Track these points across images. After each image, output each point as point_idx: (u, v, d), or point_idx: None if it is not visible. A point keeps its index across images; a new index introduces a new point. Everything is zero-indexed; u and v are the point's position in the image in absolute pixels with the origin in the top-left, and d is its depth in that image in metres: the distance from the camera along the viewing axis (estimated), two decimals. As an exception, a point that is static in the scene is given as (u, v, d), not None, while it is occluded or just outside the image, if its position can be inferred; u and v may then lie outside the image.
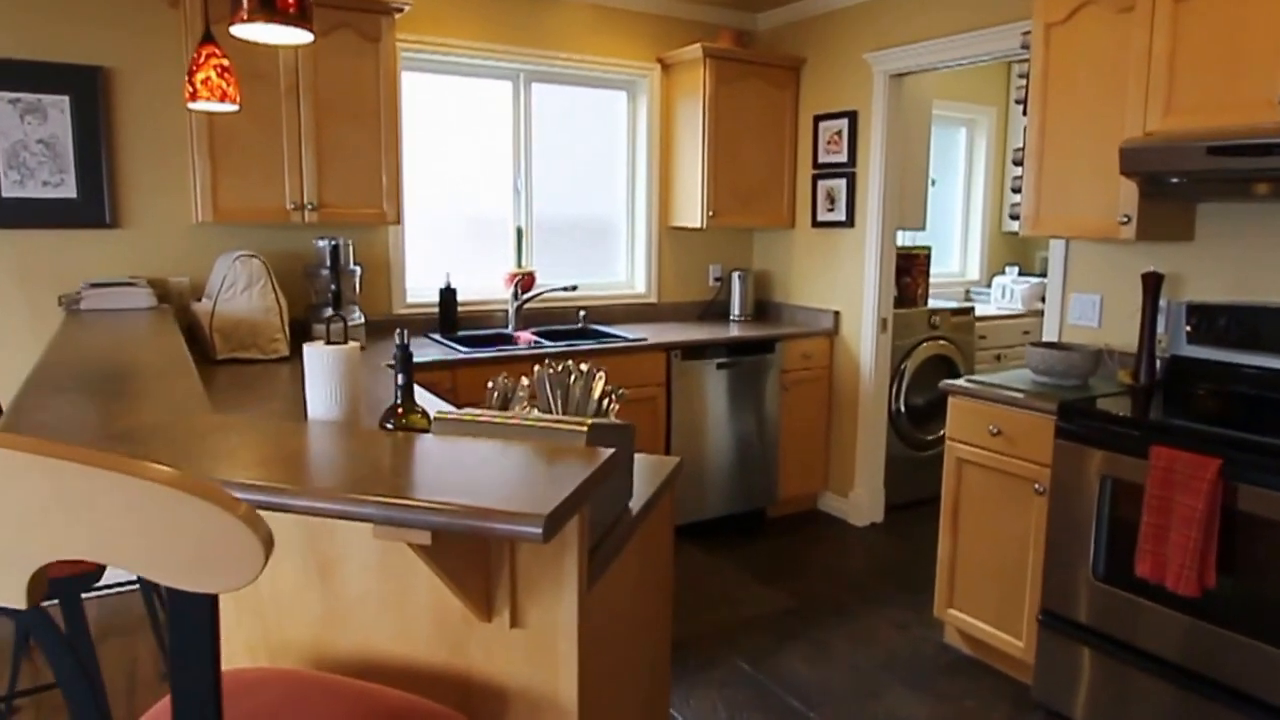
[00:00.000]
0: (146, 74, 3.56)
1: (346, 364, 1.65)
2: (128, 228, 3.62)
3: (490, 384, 1.67)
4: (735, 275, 4.84)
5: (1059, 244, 3.65)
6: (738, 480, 4.42)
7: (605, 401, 1.75)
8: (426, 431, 1.63)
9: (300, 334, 3.76)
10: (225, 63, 2.44)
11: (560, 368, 1.63)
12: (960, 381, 3.25)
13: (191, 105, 2.46)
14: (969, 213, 6.06)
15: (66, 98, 3.29)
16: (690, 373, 4.20)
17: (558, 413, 1.60)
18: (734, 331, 4.46)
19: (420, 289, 4.26)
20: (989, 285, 5.97)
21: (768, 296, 5.06)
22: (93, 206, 3.41)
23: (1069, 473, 2.81)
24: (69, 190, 3.35)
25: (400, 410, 1.63)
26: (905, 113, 4.58)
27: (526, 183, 4.49)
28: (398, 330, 1.65)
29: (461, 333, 4.20)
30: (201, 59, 2.40)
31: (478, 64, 4.29)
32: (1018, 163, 3.51)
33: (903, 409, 4.69)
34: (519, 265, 4.42)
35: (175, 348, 2.49)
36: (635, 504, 1.78)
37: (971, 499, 3.21)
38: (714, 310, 5.01)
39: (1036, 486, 2.93)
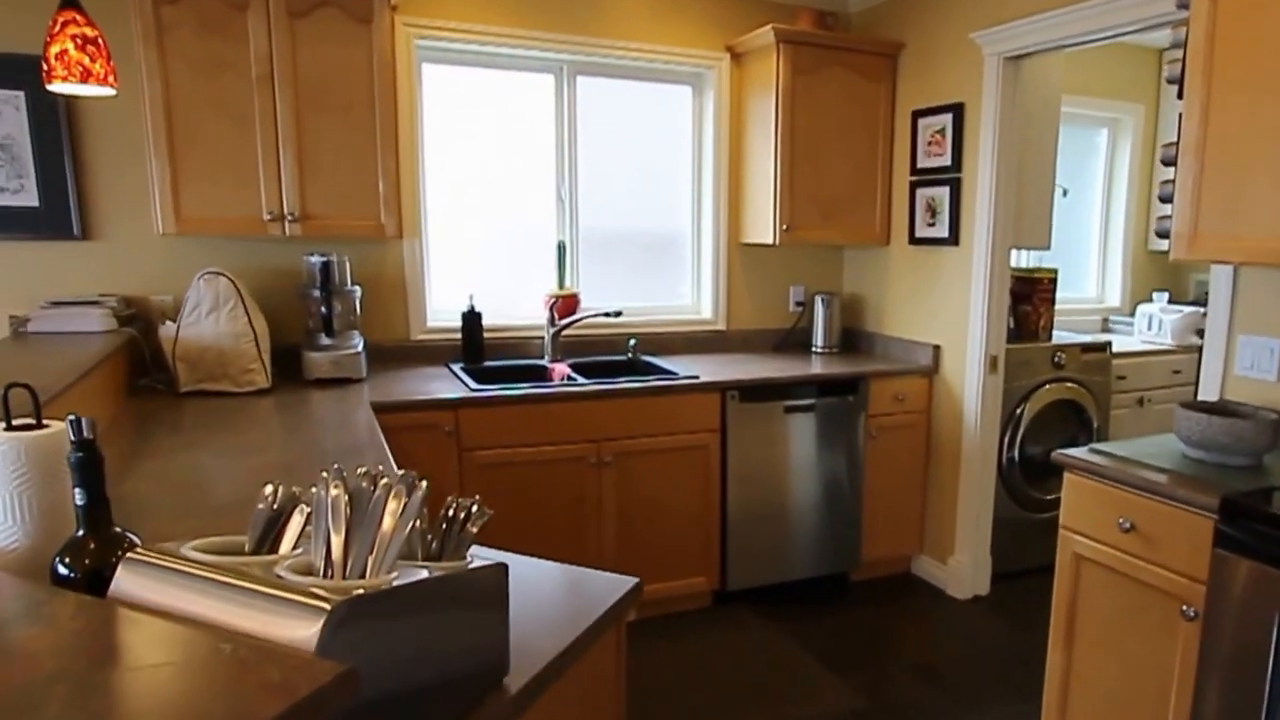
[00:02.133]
0: (117, 64, 3.14)
1: (32, 462, 1.04)
2: (100, 240, 3.19)
3: (268, 489, 1.03)
4: (818, 300, 4.08)
5: (1224, 271, 2.75)
6: (813, 541, 3.66)
7: (454, 527, 1.08)
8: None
9: (292, 362, 3.26)
10: (90, 33, 1.91)
11: (362, 475, 0.97)
12: (1079, 453, 2.42)
13: (50, 87, 1.95)
14: (1109, 229, 5.06)
15: (21, 93, 2.88)
16: (751, 417, 3.47)
17: (339, 553, 0.94)
18: (815, 367, 3.70)
19: (446, 311, 3.70)
20: (1132, 314, 4.96)
21: (858, 325, 4.27)
22: (58, 216, 3.00)
23: (1233, 595, 1.95)
24: (30, 198, 2.95)
25: (88, 544, 1.00)
26: (1025, 106, 3.72)
27: (571, 192, 3.87)
28: (70, 419, 1.01)
29: (489, 363, 3.61)
30: (56, 28, 1.87)
31: (514, 55, 3.71)
32: (1168, 162, 2.63)
33: (1016, 462, 3.81)
34: (560, 286, 3.80)
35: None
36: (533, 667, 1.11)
37: (1092, 608, 2.37)
38: (793, 340, 4.26)
39: (1185, 610, 2.07)
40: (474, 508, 1.09)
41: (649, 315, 4.04)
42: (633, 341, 3.84)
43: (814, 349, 4.12)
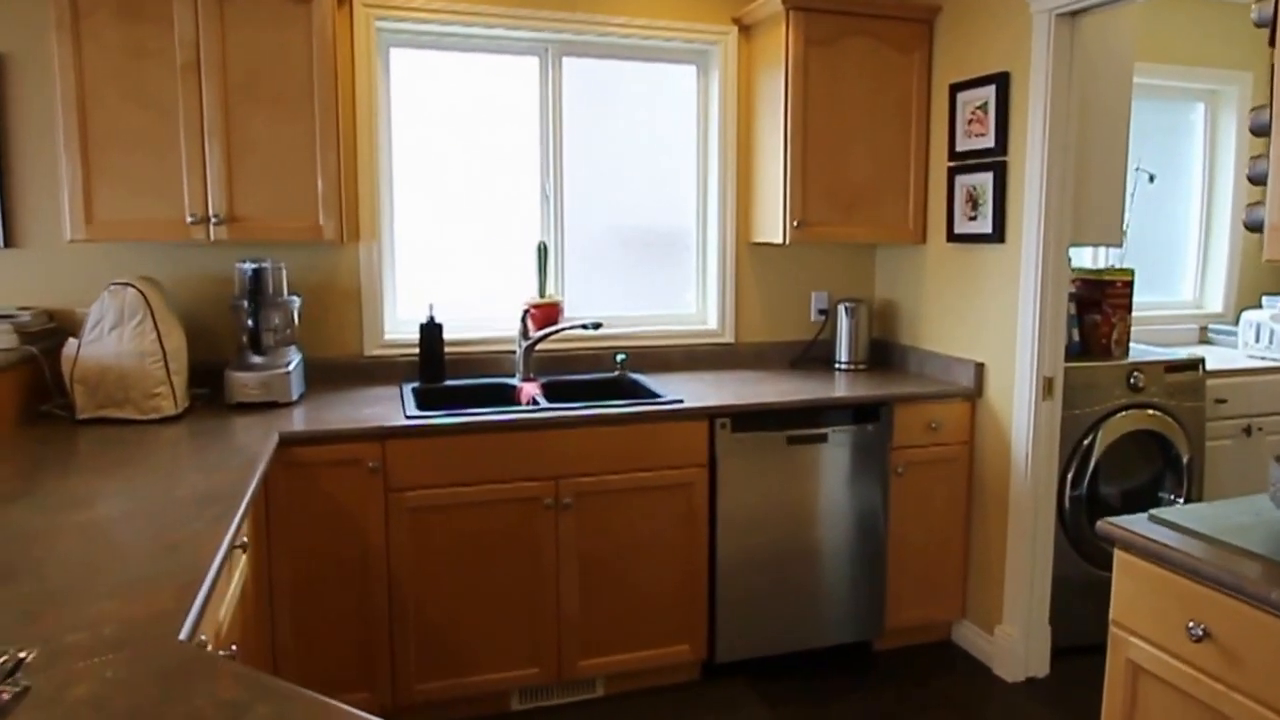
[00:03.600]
0: (45, 58, 2.77)
1: None
2: (25, 248, 2.83)
3: None
4: (842, 308, 3.43)
5: None
6: (825, 602, 3.02)
7: None
8: None
9: (214, 384, 2.83)
10: None
11: None
12: (1135, 523, 1.75)
13: None
14: (1210, 221, 4.22)
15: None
16: (746, 449, 2.86)
17: None
18: (836, 386, 3.06)
19: (412, 323, 3.21)
20: (1238, 322, 4.11)
21: (891, 337, 3.59)
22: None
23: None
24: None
25: None
26: (1088, 76, 3.00)
27: (556, 188, 3.34)
28: None
29: (451, 382, 3.11)
30: None
31: (491, 35, 3.19)
32: (1259, 130, 1.92)
33: (1084, 507, 3.08)
34: (541, 294, 3.27)
35: None
36: None
37: (1151, 740, 1.70)
38: (814, 355, 3.61)
39: (1281, 774, 1.40)
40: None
41: (645, 326, 3.46)
42: (620, 357, 3.27)
43: (837, 365, 3.46)
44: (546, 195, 3.34)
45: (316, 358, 3.08)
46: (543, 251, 3.25)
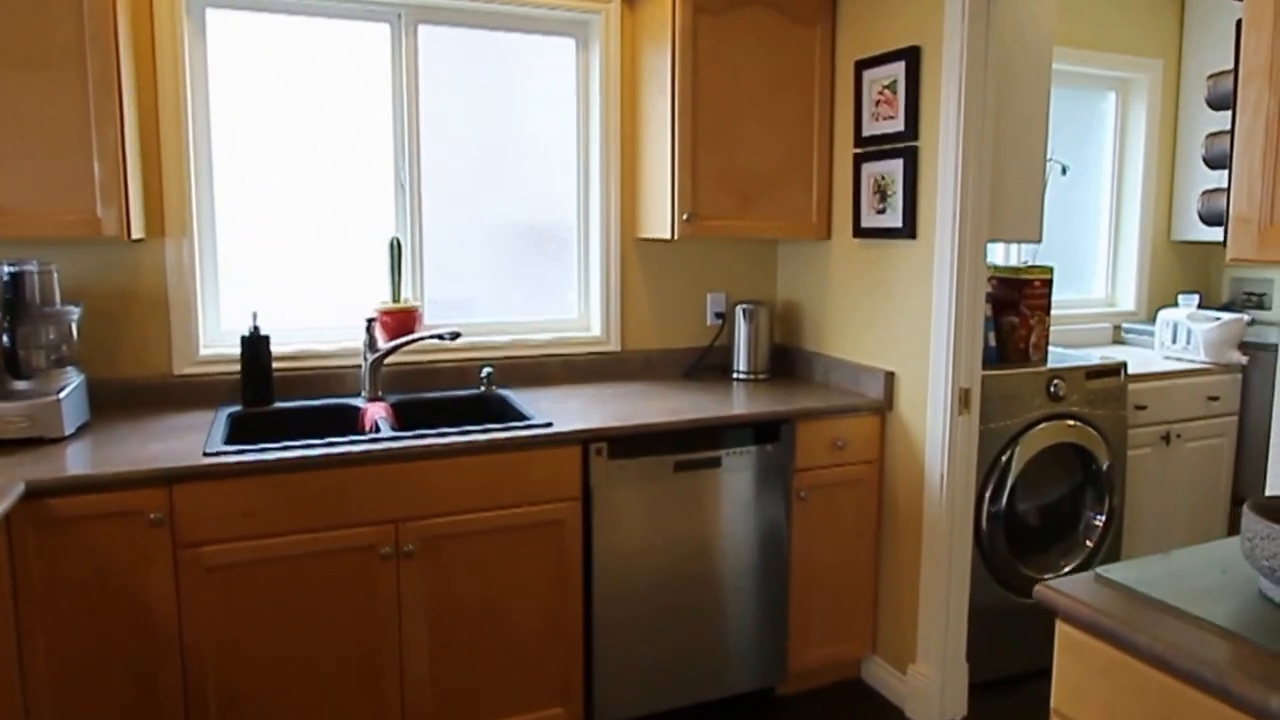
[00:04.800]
0: None
1: None
2: None
3: None
4: (740, 311, 3.03)
5: None
6: (720, 648, 2.62)
7: None
8: None
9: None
10: None
11: None
12: (1078, 587, 1.39)
13: None
14: (1120, 215, 3.97)
15: None
16: (626, 478, 2.44)
17: None
18: (734, 400, 2.66)
19: (238, 336, 2.68)
20: (1152, 321, 3.87)
21: (794, 342, 3.21)
22: None
23: None
24: None
25: None
26: (1006, 58, 2.67)
27: (413, 175, 2.85)
28: None
29: (282, 404, 2.60)
30: None
31: (320, -6, 2.69)
32: (1218, 103, 1.59)
33: (1001, 527, 2.76)
34: (395, 298, 2.78)
35: None
36: None
37: None
38: (711, 363, 3.21)
39: None
40: None
41: (519, 334, 3.00)
42: (486, 372, 2.80)
43: (735, 375, 3.06)
44: (402, 184, 2.84)
45: (110, 379, 2.52)
46: (396, 249, 2.76)
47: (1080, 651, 1.37)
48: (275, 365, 2.65)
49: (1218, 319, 3.30)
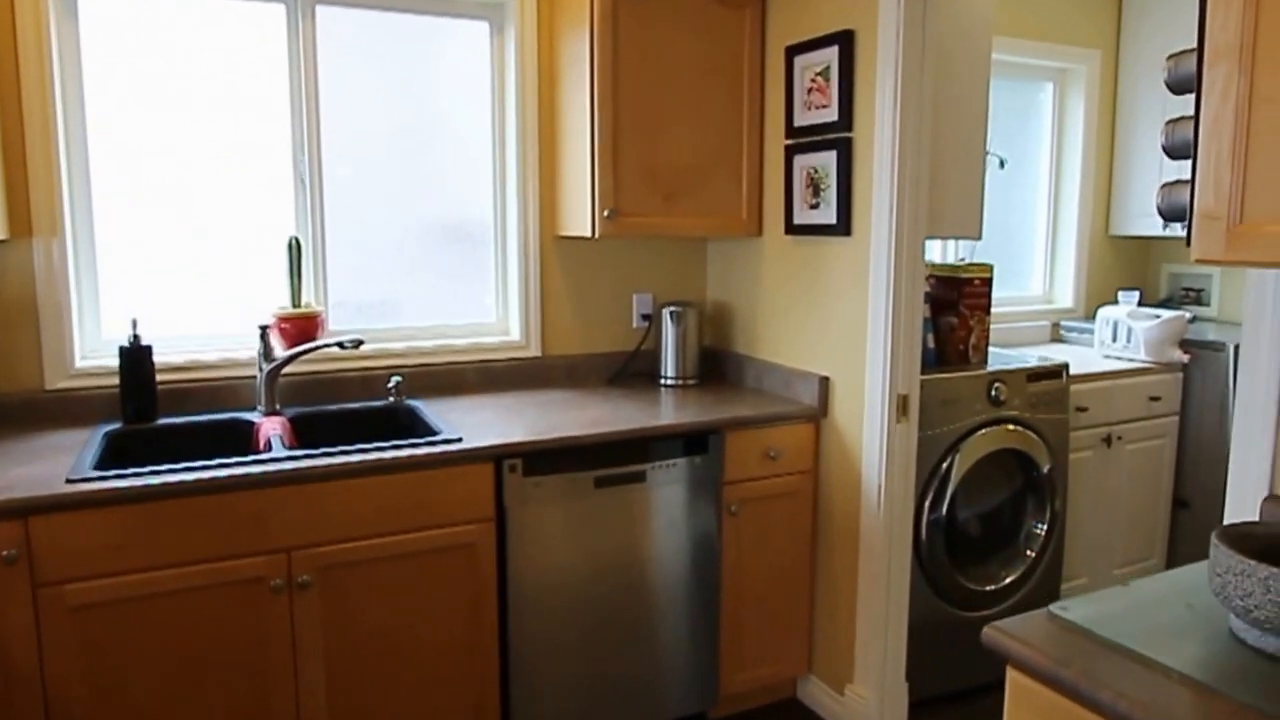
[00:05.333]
0: None
1: None
2: None
3: None
4: (667, 313, 2.86)
5: (1267, 281, 1.61)
6: (647, 674, 2.44)
7: None
8: None
9: None
10: None
11: None
12: (1032, 629, 1.24)
13: None
14: (1058, 210, 3.89)
15: None
16: (543, 496, 2.25)
17: None
18: (661, 408, 2.48)
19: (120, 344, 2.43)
20: (1091, 318, 3.80)
21: (724, 345, 3.05)
22: None
23: None
24: None
25: None
26: (944, 46, 2.53)
27: (314, 170, 2.62)
28: None
29: (167, 420, 2.35)
30: None
31: (204, -31, 2.44)
32: (1179, 86, 1.46)
33: (941, 535, 2.64)
34: (295, 302, 2.55)
35: None
36: None
37: None
38: (637, 368, 3.03)
39: None
40: None
41: (433, 340, 2.78)
42: (394, 381, 2.59)
43: (663, 380, 2.89)
44: (302, 179, 2.61)
45: (-35, 395, 2.27)
46: (295, 249, 2.53)
47: (1034, 702, 1.22)
48: (160, 377, 2.41)
49: (1158, 317, 3.22)
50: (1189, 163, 1.37)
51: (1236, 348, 3.18)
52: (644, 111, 2.57)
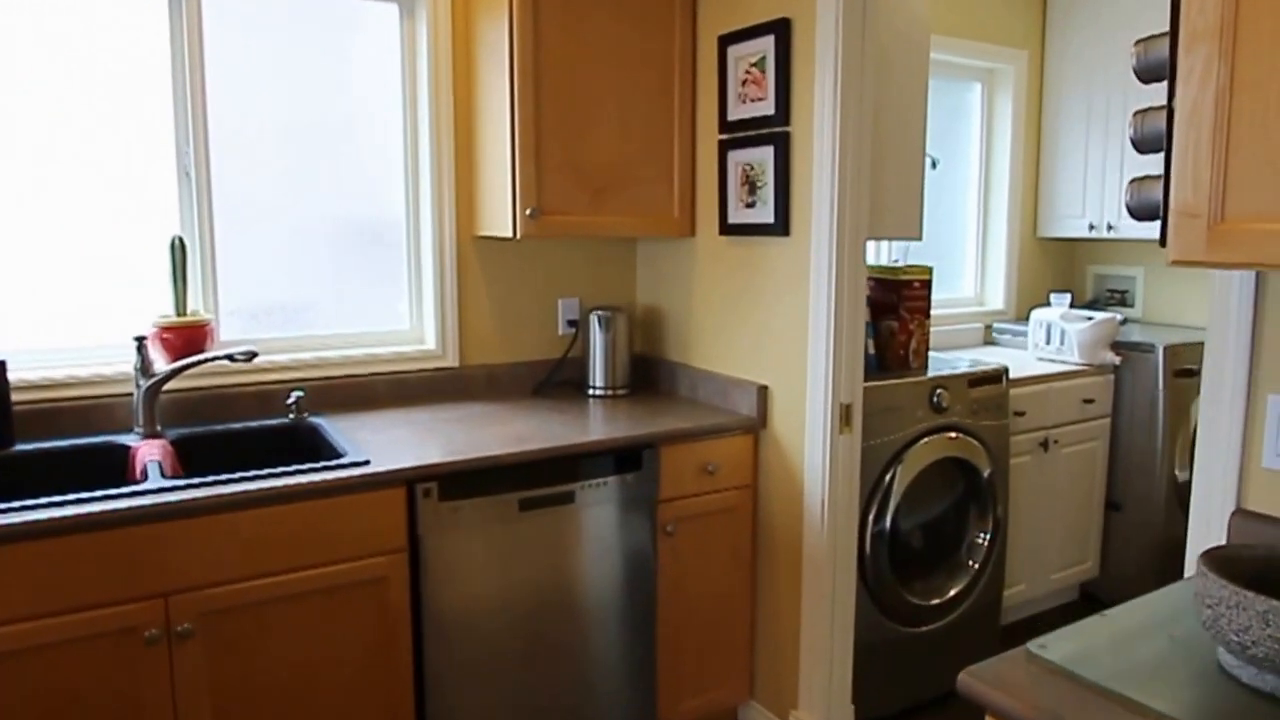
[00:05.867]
0: None
1: None
2: None
3: None
4: (595, 319, 2.66)
5: (1235, 283, 1.51)
6: (579, 710, 2.24)
7: None
8: None
9: None
10: None
11: None
12: (1010, 671, 1.09)
13: None
14: (986, 211, 3.84)
15: None
16: (461, 522, 2.03)
17: None
18: (590, 421, 2.28)
19: (-32, 360, 2.12)
20: (1022, 320, 3.75)
21: (656, 352, 2.87)
22: None
23: None
24: None
25: None
26: (882, 43, 2.41)
27: (201, 161, 2.34)
28: None
29: (26, 446, 2.04)
30: None
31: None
32: (1147, 72, 1.33)
33: (884, 546, 2.51)
34: (180, 310, 2.27)
35: None
36: None
37: None
38: (564, 377, 2.82)
39: None
40: None
41: (339, 349, 2.53)
42: (294, 397, 2.33)
43: (591, 390, 2.69)
44: (186, 171, 2.33)
45: None
46: (179, 250, 2.25)
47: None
48: (18, 397, 2.10)
49: (1090, 319, 3.17)
50: (1143, 158, 1.25)
51: (1166, 349, 3.16)
52: (568, 103, 2.37)
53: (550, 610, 2.16)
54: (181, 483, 1.77)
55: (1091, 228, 3.62)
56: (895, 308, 2.65)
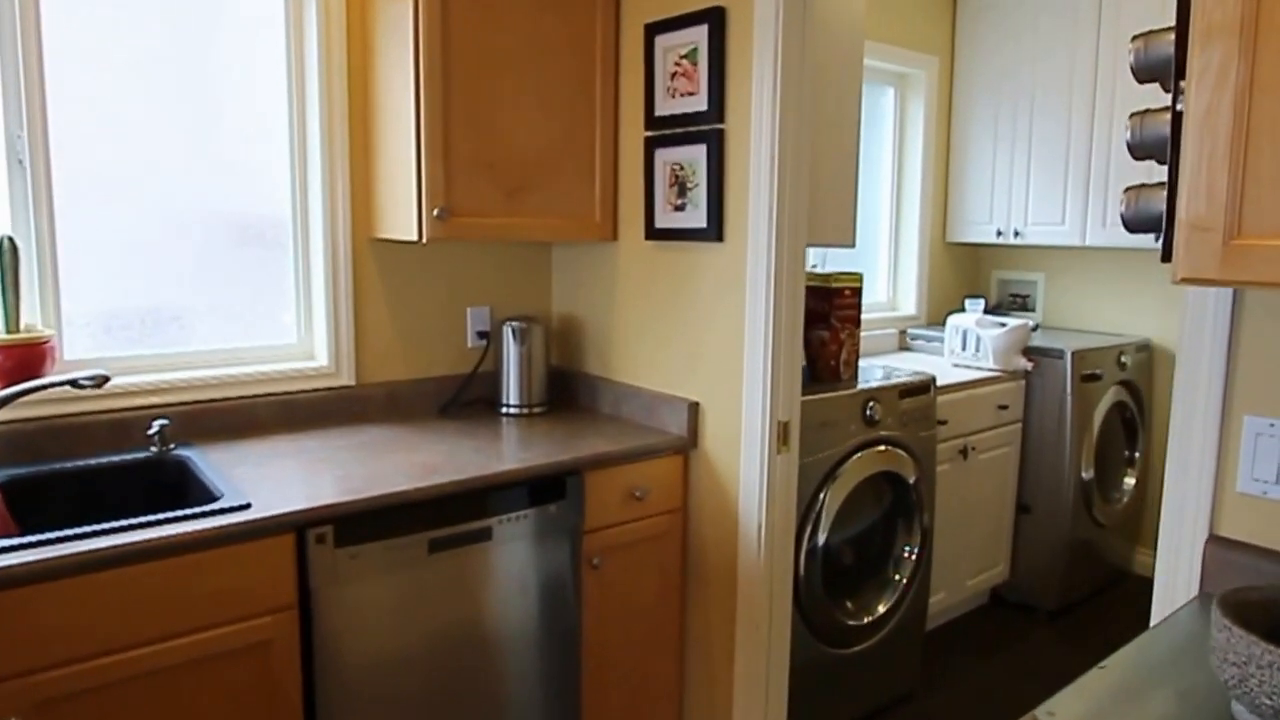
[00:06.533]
0: None
1: None
2: None
3: None
4: (508, 330, 2.39)
5: (1212, 300, 1.38)
6: (495, 762, 1.98)
7: None
8: None
9: None
10: None
11: None
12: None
13: None
14: (900, 215, 3.75)
15: None
16: (362, 571, 1.72)
17: None
18: (504, 446, 2.01)
19: None
20: (934, 326, 3.68)
21: (576, 365, 2.62)
22: None
23: None
24: None
25: None
26: (816, 36, 2.23)
27: (37, 147, 1.94)
28: None
29: None
30: None
31: None
32: (1148, 70, 1.18)
33: (817, 576, 2.34)
34: (10, 325, 1.87)
35: None
36: None
37: None
38: (474, 395, 2.53)
39: None
40: None
41: (215, 370, 2.17)
42: (157, 426, 1.96)
43: (505, 409, 2.40)
44: (19, 160, 1.92)
45: None
46: (8, 253, 1.85)
47: None
48: None
49: (1004, 325, 3.10)
50: (1060, 167, 1.09)
51: (1074, 354, 3.12)
52: (480, 92, 2.09)
53: (467, 658, 1.88)
54: (9, 542, 1.41)
55: (999, 234, 3.57)
56: (826, 317, 2.48)
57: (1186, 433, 1.42)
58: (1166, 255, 1.13)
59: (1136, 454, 3.50)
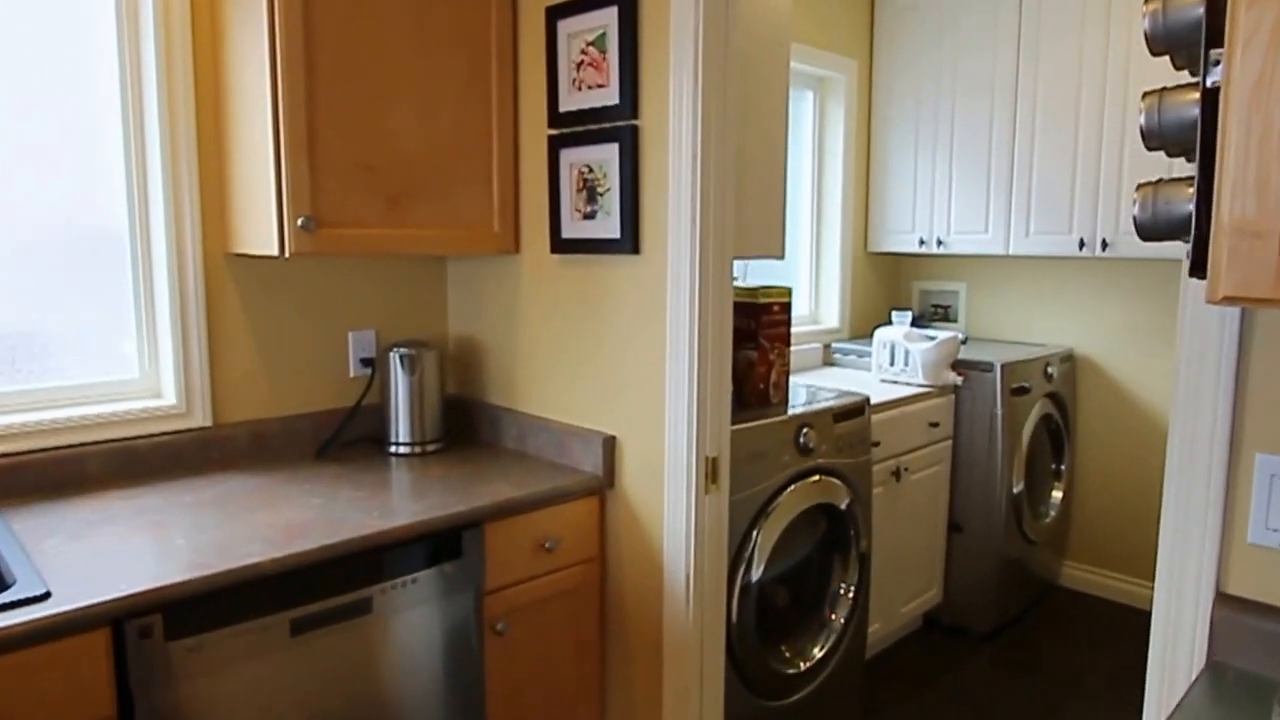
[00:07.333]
0: None
1: None
2: None
3: None
4: (395, 357, 2.04)
5: (1209, 322, 1.14)
6: None
7: None
8: None
9: None
10: None
11: None
12: None
13: None
14: (821, 224, 3.53)
15: None
16: (203, 667, 1.36)
17: None
18: (393, 497, 1.67)
19: None
20: (860, 339, 3.46)
21: (475, 394, 2.28)
22: None
23: None
24: None
25: None
26: (741, 17, 1.96)
27: None
28: None
29: None
30: None
31: None
32: (1166, 46, 0.94)
33: (751, 624, 2.06)
34: None
35: None
36: None
37: None
38: (357, 433, 2.16)
39: None
40: None
41: (31, 414, 1.76)
42: (-53, 487, 1.56)
43: (393, 448, 2.05)
44: None
45: None
46: None
47: None
48: None
49: (933, 339, 2.90)
50: (984, 173, 0.85)
51: (1003, 367, 2.95)
52: (354, 83, 1.74)
53: (342, 757, 1.54)
54: None
55: (922, 243, 3.39)
56: (754, 335, 2.21)
57: (1188, 476, 1.19)
58: (1197, 269, 0.89)
59: (1063, 467, 3.36)
